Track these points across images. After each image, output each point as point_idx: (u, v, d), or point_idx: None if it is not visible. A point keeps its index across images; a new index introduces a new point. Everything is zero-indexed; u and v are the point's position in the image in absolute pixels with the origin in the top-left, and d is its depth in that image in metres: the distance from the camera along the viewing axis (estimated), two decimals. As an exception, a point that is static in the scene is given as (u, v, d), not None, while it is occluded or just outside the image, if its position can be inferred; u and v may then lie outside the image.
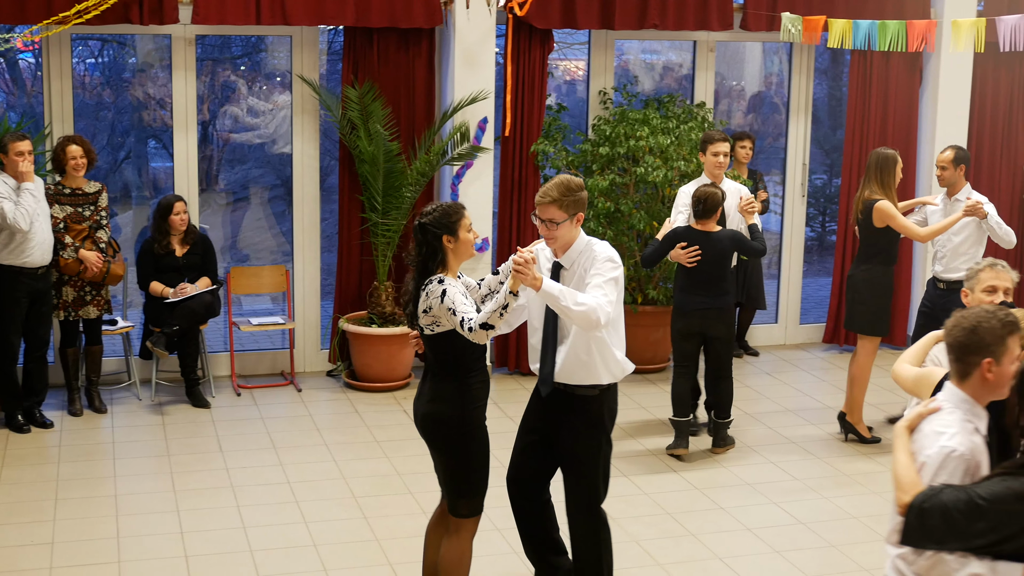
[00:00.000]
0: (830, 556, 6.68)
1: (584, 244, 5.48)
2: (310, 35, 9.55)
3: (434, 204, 5.37)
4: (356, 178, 9.41)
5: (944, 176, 8.32)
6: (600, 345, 5.47)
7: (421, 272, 5.30)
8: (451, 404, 5.31)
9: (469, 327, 5.04)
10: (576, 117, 10.51)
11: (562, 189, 5.38)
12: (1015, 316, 3.92)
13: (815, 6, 10.05)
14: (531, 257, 5.01)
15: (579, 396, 5.54)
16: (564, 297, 5.17)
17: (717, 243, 7.87)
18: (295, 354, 9.68)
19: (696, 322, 7.97)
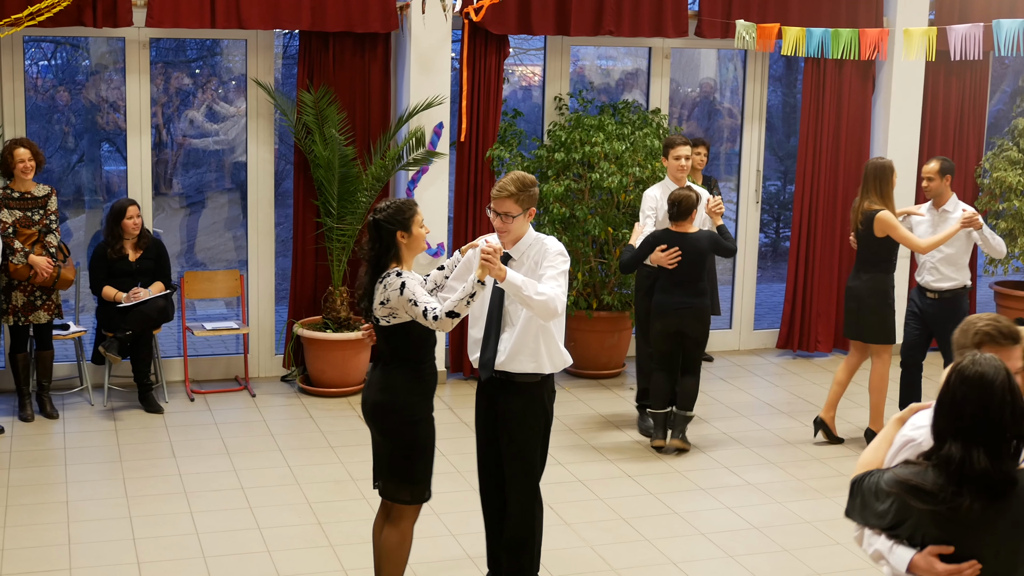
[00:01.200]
0: (784, 560, 6.72)
1: (533, 238, 5.70)
2: (265, 39, 9.51)
3: (388, 200, 5.52)
4: (311, 183, 9.38)
5: (931, 187, 8.39)
6: (546, 335, 5.68)
7: (375, 267, 5.44)
8: (402, 393, 5.46)
9: (435, 315, 5.23)
10: (532, 123, 10.52)
11: (519, 184, 5.59)
12: (999, 329, 3.94)
13: (769, 14, 10.12)
14: (498, 247, 5.27)
15: (520, 383, 5.73)
16: (527, 287, 5.38)
17: (696, 244, 8.05)
18: (249, 359, 9.63)
19: (674, 321, 8.14)
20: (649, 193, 8.44)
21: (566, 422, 8.85)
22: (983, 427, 3.56)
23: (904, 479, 3.64)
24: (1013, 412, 3.56)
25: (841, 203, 10.59)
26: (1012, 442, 3.58)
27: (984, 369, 3.57)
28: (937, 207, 8.41)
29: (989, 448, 3.55)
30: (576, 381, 9.89)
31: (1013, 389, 3.59)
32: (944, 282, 8.29)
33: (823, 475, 7.98)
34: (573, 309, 9.69)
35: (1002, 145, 11.04)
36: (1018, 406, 3.57)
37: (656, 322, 8.22)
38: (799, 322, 10.75)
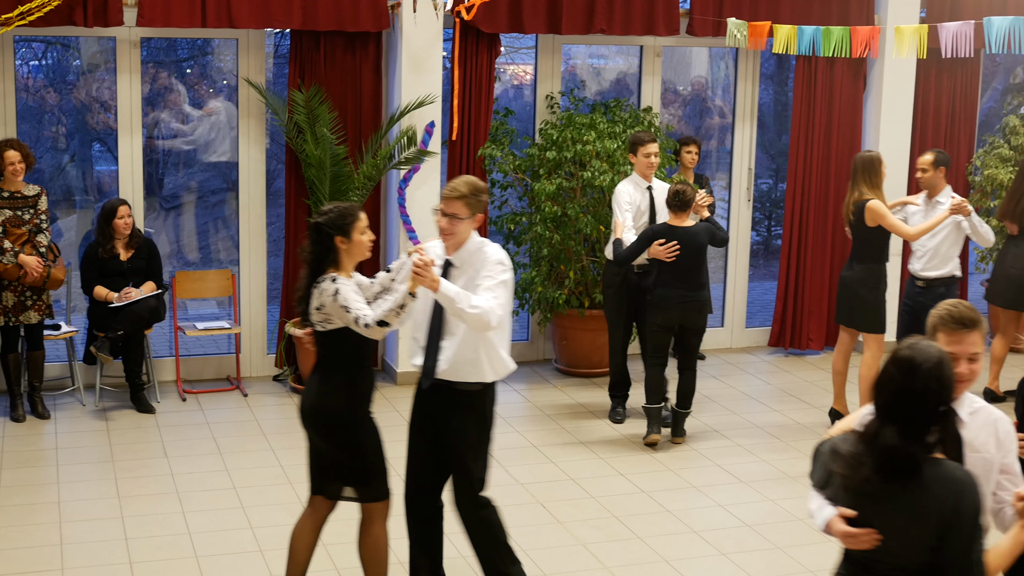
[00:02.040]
0: (776, 558, 6.73)
1: (476, 245, 5.59)
2: (256, 38, 9.50)
3: (332, 205, 5.47)
4: (303, 182, 9.37)
5: (925, 178, 8.61)
6: (487, 345, 5.59)
7: (313, 270, 5.41)
8: (338, 398, 5.43)
9: (365, 323, 5.18)
10: (523, 121, 10.52)
11: (471, 187, 5.51)
12: (952, 315, 4.04)
13: (761, 12, 10.12)
14: (430, 260, 5.15)
15: (462, 391, 5.64)
16: (460, 299, 5.30)
17: (694, 236, 8.11)
18: (241, 359, 9.63)
19: (677, 315, 8.22)
20: (622, 188, 8.53)
21: (557, 420, 8.86)
22: (901, 407, 3.69)
23: (834, 443, 3.85)
24: (936, 401, 3.67)
25: (832, 201, 10.60)
26: (929, 428, 3.68)
27: (914, 354, 3.69)
28: (931, 198, 8.62)
29: (902, 428, 3.67)
30: (567, 379, 9.89)
31: (941, 377, 3.67)
32: (934, 271, 8.56)
33: (815, 473, 7.99)
34: (565, 308, 9.69)
35: (993, 143, 11.06)
36: (941, 394, 3.67)
37: (657, 315, 8.26)
38: (791, 320, 10.76)
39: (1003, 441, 4.02)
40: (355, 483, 5.56)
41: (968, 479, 3.70)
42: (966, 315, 3.99)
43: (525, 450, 8.27)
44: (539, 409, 9.17)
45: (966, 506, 3.65)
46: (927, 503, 3.68)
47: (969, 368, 3.97)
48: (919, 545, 3.72)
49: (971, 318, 3.99)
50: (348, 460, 5.52)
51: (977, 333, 3.99)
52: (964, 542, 3.66)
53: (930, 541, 3.69)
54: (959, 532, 3.66)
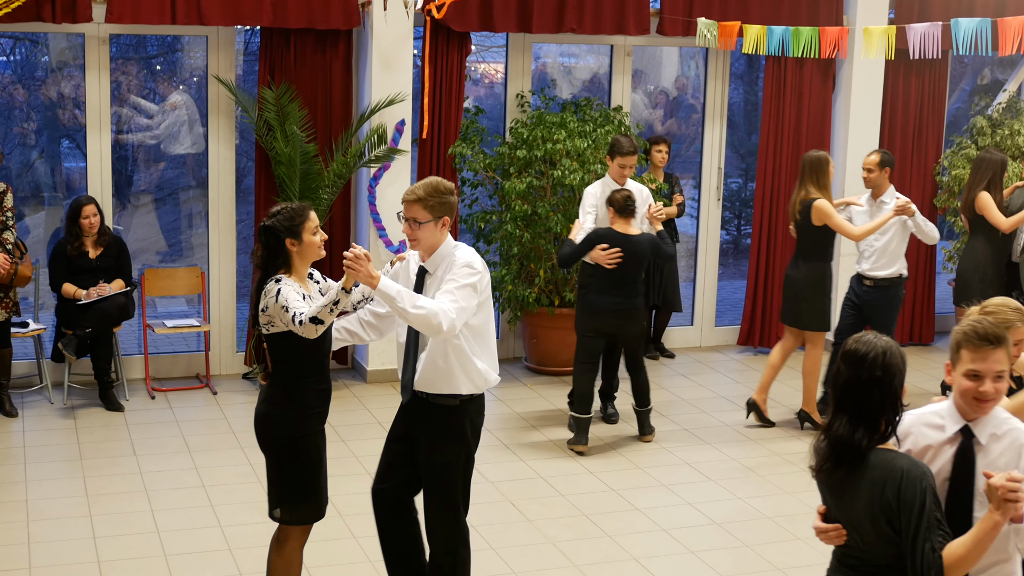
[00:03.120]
0: (744, 556, 6.76)
1: (448, 249, 5.33)
2: (226, 35, 9.47)
3: (281, 205, 5.23)
4: (272, 180, 9.35)
5: (871, 178, 8.68)
6: (458, 353, 5.29)
7: (264, 273, 5.20)
8: (281, 407, 5.20)
9: (299, 320, 4.90)
10: (494, 120, 10.53)
11: (429, 189, 5.26)
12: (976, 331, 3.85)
13: (731, 12, 10.16)
14: (363, 253, 4.86)
15: (439, 406, 5.37)
16: (401, 298, 5.01)
17: (637, 246, 8.07)
18: (210, 356, 9.60)
19: (611, 322, 8.18)
20: (590, 190, 8.53)
21: (528, 418, 8.87)
22: (849, 397, 3.81)
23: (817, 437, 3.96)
24: (881, 391, 3.76)
25: (802, 200, 10.65)
26: (878, 417, 3.77)
27: (859, 346, 3.80)
28: (875, 198, 8.71)
29: (852, 419, 3.79)
30: (537, 378, 9.91)
31: (886, 366, 3.75)
32: (881, 270, 8.63)
33: (784, 471, 8.03)
34: (535, 307, 9.70)
35: (961, 143, 11.12)
36: (889, 386, 3.75)
37: (590, 321, 8.21)
38: (760, 319, 10.80)
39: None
40: (282, 500, 5.29)
41: (912, 469, 3.71)
42: (991, 331, 3.80)
43: (495, 449, 8.28)
44: (509, 407, 9.18)
45: (909, 495, 3.68)
46: (870, 492, 3.75)
47: (994, 387, 3.79)
48: (876, 538, 3.77)
49: (996, 334, 3.79)
50: (279, 473, 5.27)
51: (1002, 350, 3.79)
52: (911, 533, 3.68)
53: (886, 533, 3.74)
54: (906, 522, 3.69)
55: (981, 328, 3.81)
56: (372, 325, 5.58)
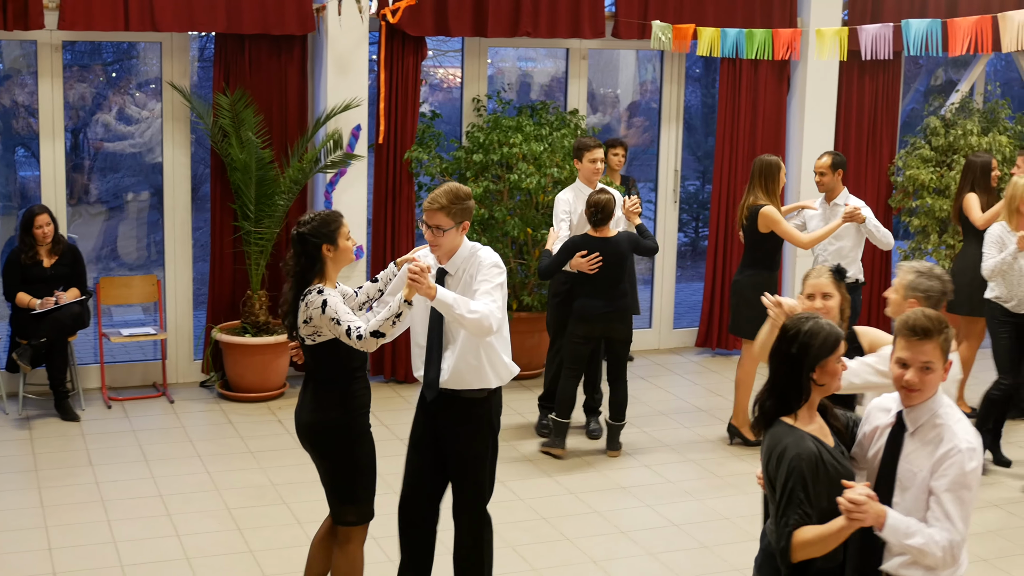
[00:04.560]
0: (703, 557, 6.78)
1: (468, 251, 5.49)
2: (180, 41, 9.42)
3: (312, 213, 5.37)
4: (228, 186, 9.31)
5: (823, 181, 8.67)
6: (488, 350, 5.50)
7: (299, 282, 5.30)
8: (336, 411, 5.34)
9: (358, 335, 5.08)
10: (451, 124, 10.52)
11: (451, 196, 5.38)
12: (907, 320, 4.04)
13: (685, 14, 10.20)
14: (426, 266, 5.05)
15: (467, 399, 5.55)
16: (458, 305, 5.19)
17: (617, 247, 8.04)
18: (167, 365, 9.54)
19: (600, 327, 8.13)
20: (562, 197, 8.45)
21: (487, 423, 8.85)
22: (773, 368, 4.10)
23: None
24: (791, 366, 4.01)
25: (758, 202, 10.70)
26: (786, 392, 4.01)
27: (790, 323, 4.07)
28: (829, 201, 8.68)
29: (770, 388, 4.09)
30: (498, 382, 9.89)
31: (803, 344, 3.97)
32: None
33: (741, 471, 8.06)
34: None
35: (915, 143, 11.21)
36: (800, 364, 3.97)
37: (579, 327, 8.15)
38: (718, 321, 10.84)
39: (937, 465, 3.90)
40: (343, 502, 5.44)
41: (792, 446, 3.92)
42: (920, 323, 3.94)
43: (454, 453, 8.26)
44: (468, 412, 9.16)
45: (781, 470, 3.92)
46: (764, 459, 4.04)
47: (919, 377, 3.92)
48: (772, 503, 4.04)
49: (924, 327, 3.93)
50: (341, 478, 5.41)
51: (931, 343, 3.92)
52: (776, 505, 3.94)
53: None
54: (774, 494, 3.94)
55: (912, 319, 3.97)
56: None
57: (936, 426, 3.94)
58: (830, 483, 3.91)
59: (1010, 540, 7.06)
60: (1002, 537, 7.09)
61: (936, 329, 3.92)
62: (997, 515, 7.41)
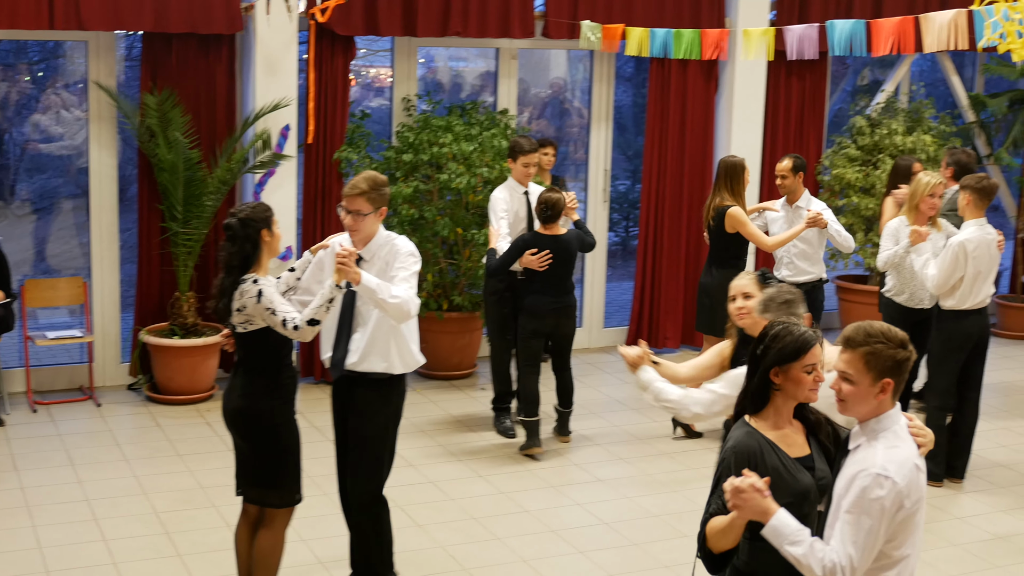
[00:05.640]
0: (633, 554, 6.82)
1: (384, 238, 5.76)
2: (107, 40, 9.31)
3: (242, 204, 5.60)
4: (156, 187, 9.22)
5: (785, 184, 8.78)
6: (397, 336, 5.75)
7: (240, 269, 5.46)
8: (264, 398, 5.51)
9: (294, 325, 5.30)
10: (382, 124, 10.50)
11: (371, 183, 5.68)
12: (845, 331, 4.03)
13: (615, 14, 10.24)
14: (353, 251, 5.34)
15: (371, 382, 5.78)
16: (381, 290, 5.46)
17: (566, 245, 8.19)
18: (94, 368, 9.43)
19: (550, 321, 8.27)
20: (497, 195, 8.50)
21: (417, 423, 8.85)
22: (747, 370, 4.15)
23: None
24: (754, 365, 4.07)
25: (687, 201, 10.77)
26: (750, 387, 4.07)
27: (768, 327, 4.10)
28: (791, 203, 8.79)
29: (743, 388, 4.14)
30: (427, 382, 9.89)
31: (766, 347, 4.02)
32: (800, 276, 8.67)
33: (671, 469, 8.11)
34: (424, 310, 9.68)
35: (841, 143, 11.33)
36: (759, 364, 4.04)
37: (529, 323, 8.25)
38: (648, 319, 10.90)
39: (848, 484, 3.79)
40: (268, 486, 5.62)
41: (735, 441, 4.01)
42: (846, 333, 3.87)
43: (385, 454, 8.25)
44: (399, 412, 9.14)
45: (720, 459, 4.05)
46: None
47: (839, 385, 3.85)
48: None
49: (847, 336, 3.85)
50: (266, 462, 5.58)
51: (850, 353, 3.81)
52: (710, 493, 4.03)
53: None
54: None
55: (847, 331, 3.90)
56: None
57: (869, 446, 3.83)
58: (770, 488, 3.88)
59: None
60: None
61: (858, 341, 3.82)
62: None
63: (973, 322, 7.71)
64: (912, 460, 3.78)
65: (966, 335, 7.71)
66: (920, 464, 3.80)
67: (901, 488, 3.71)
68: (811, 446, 4.09)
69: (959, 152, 9.07)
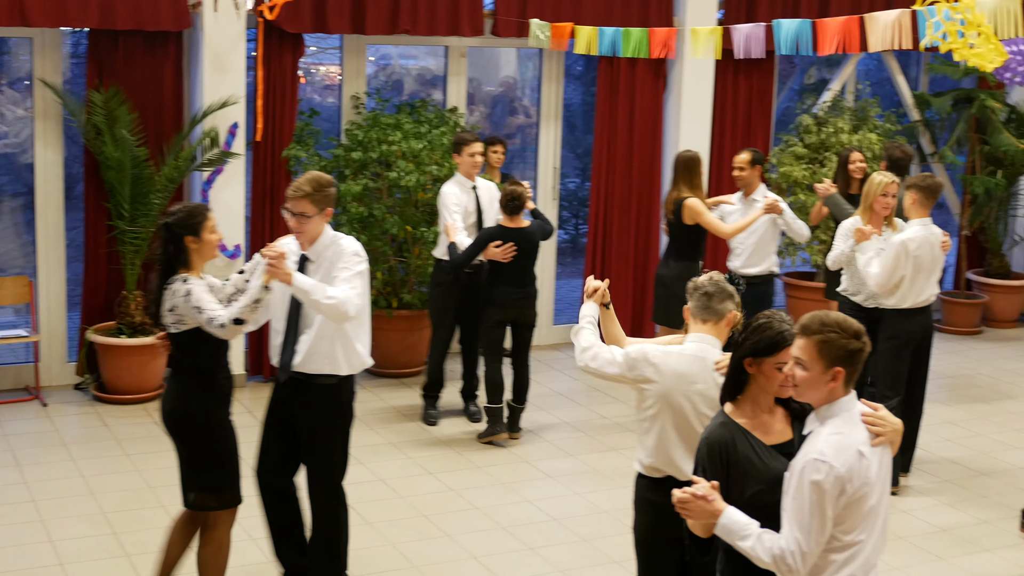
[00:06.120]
0: (582, 550, 6.85)
1: (330, 238, 5.73)
2: (52, 37, 9.23)
3: (180, 205, 5.55)
4: (103, 185, 9.15)
5: (742, 176, 8.93)
6: (343, 338, 5.72)
7: (165, 271, 5.45)
8: (198, 400, 5.50)
9: (220, 324, 5.27)
10: (331, 122, 10.47)
11: (315, 184, 5.64)
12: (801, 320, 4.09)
13: (564, 13, 10.27)
14: (283, 252, 5.32)
15: (318, 384, 5.76)
16: (315, 291, 5.45)
17: (530, 236, 8.36)
18: (40, 367, 9.34)
19: (512, 311, 8.44)
20: (447, 190, 8.57)
21: (367, 421, 8.84)
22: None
23: None
24: (732, 349, 4.23)
25: (636, 199, 10.82)
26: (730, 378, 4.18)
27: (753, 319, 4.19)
28: (747, 196, 8.91)
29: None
30: (376, 380, 9.87)
31: (746, 335, 4.12)
32: (753, 267, 8.85)
33: (620, 464, 8.15)
34: (373, 308, 9.66)
35: (788, 141, 11.42)
36: (735, 346, 4.18)
37: (494, 313, 8.41)
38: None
39: (793, 476, 3.83)
40: (208, 488, 5.59)
41: (708, 430, 4.10)
42: (802, 321, 3.90)
43: (335, 452, 8.24)
44: (349, 410, 9.13)
45: (697, 452, 4.13)
46: None
47: (793, 371, 3.88)
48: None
49: (802, 324, 3.88)
50: (203, 464, 5.56)
51: (802, 340, 3.84)
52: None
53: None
54: None
55: (802, 320, 3.96)
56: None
57: (817, 432, 3.87)
58: (741, 475, 3.98)
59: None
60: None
61: (813, 329, 3.85)
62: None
63: (916, 321, 7.77)
64: (855, 446, 3.81)
65: (908, 333, 7.76)
66: (865, 451, 3.82)
67: (841, 472, 3.75)
68: (795, 432, 4.13)
69: (894, 148, 9.16)
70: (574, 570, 6.61)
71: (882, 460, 3.92)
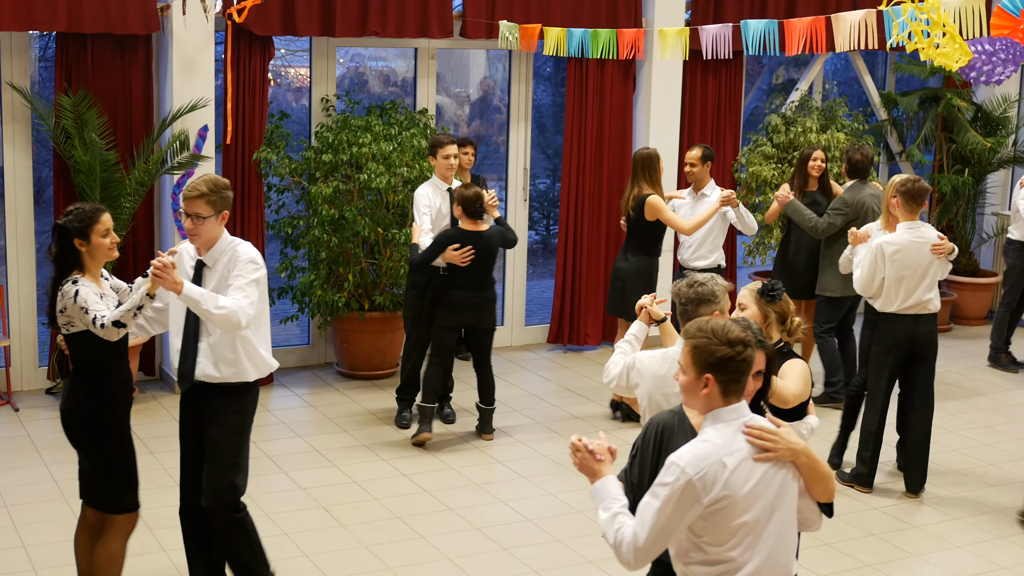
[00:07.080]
0: (557, 550, 6.87)
1: (227, 243, 5.61)
2: (20, 40, 9.19)
3: (77, 205, 5.49)
4: (72, 189, 9.12)
5: (693, 172, 9.13)
6: (245, 344, 5.61)
7: (58, 273, 5.41)
8: (88, 402, 5.46)
9: (101, 324, 5.20)
10: (301, 124, 10.47)
11: (211, 184, 5.54)
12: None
13: (532, 14, 10.30)
14: (170, 262, 5.18)
15: (222, 391, 5.64)
16: (205, 301, 5.34)
17: (489, 241, 8.35)
18: (11, 372, 9.31)
19: (470, 315, 8.43)
20: (421, 192, 8.61)
21: (340, 423, 8.85)
22: None
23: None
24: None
25: (606, 199, 10.86)
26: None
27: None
28: (697, 191, 9.06)
29: None
30: (349, 382, 9.88)
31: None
32: (701, 260, 9.05)
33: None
34: (345, 311, 9.68)
35: (757, 140, 11.48)
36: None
37: (448, 316, 8.41)
38: (568, 317, 10.97)
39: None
40: (96, 490, 5.58)
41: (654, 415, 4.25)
42: (686, 326, 3.92)
43: (307, 455, 8.25)
44: (321, 413, 9.14)
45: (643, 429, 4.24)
46: None
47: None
48: None
49: (685, 328, 3.90)
50: (95, 466, 5.53)
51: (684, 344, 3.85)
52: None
53: None
54: None
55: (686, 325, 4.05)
56: (155, 320, 5.79)
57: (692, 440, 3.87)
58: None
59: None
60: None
61: (690, 333, 3.84)
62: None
63: (904, 327, 7.61)
64: (718, 456, 3.71)
65: (893, 338, 7.64)
66: (730, 462, 3.71)
67: (693, 480, 3.67)
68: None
69: (855, 151, 9.25)
70: (549, 570, 6.63)
71: (768, 477, 3.79)
